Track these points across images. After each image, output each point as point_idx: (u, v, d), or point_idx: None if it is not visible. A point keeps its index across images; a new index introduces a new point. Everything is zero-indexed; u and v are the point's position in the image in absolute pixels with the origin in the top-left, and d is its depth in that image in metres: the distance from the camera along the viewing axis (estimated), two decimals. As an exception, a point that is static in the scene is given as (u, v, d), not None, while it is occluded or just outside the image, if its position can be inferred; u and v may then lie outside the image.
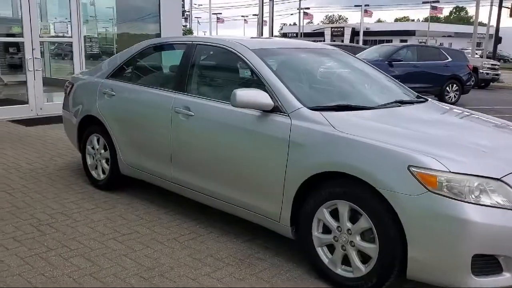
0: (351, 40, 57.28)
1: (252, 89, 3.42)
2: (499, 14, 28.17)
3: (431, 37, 56.48)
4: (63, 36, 10.21)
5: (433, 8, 55.43)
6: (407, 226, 2.70)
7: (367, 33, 56.55)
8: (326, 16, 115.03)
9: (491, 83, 21.59)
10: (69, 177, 5.37)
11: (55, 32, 9.94)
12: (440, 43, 49.58)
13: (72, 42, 9.64)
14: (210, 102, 3.81)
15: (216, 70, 4.27)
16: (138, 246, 3.67)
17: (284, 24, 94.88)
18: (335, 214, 3.05)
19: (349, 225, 2.97)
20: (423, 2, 57.82)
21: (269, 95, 3.38)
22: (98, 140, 4.92)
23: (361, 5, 55.93)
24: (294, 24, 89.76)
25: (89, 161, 5.07)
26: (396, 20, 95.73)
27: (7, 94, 11.91)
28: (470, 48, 33.98)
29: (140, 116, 4.37)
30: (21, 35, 10.44)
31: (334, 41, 52.48)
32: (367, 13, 57.32)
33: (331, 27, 71.14)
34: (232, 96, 3.34)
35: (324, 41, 50.01)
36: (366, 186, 2.84)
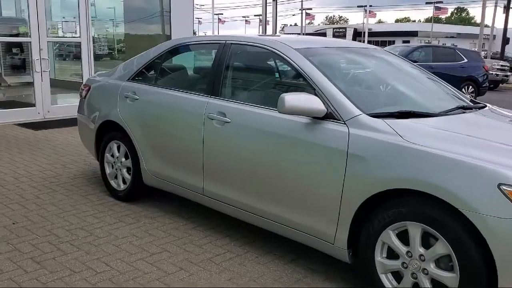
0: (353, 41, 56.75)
1: (301, 93, 3.04)
2: (507, 15, 27.82)
3: (433, 38, 56.17)
4: (71, 36, 9.82)
5: (437, 8, 55.06)
6: (497, 254, 2.32)
7: (369, 33, 56.19)
8: (327, 17, 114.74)
9: (500, 84, 21.23)
10: (85, 186, 5.00)
11: (63, 32, 9.56)
12: (443, 44, 49.25)
13: (80, 42, 9.26)
14: (249, 108, 3.43)
15: (254, 72, 3.89)
16: (170, 268, 3.29)
17: (285, 25, 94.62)
18: (403, 237, 2.67)
19: (421, 250, 2.59)
20: (427, 3, 57.43)
21: (321, 100, 3.01)
22: (118, 148, 4.54)
23: (363, 6, 55.62)
24: (295, 24, 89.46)
25: (107, 170, 4.69)
26: (397, 21, 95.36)
27: (11, 96, 11.55)
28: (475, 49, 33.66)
29: (168, 122, 3.99)
30: (25, 35, 10.09)
31: (337, 42, 51.85)
32: (369, 13, 56.99)
33: (333, 28, 70.72)
34: (279, 101, 2.97)
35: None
36: (444, 206, 2.46)
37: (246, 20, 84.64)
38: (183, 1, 10.97)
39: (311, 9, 66.67)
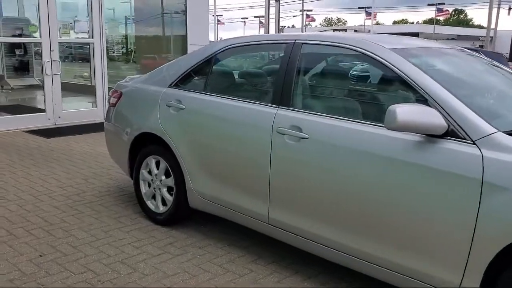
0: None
1: (414, 104, 2.44)
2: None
3: (434, 39, 55.75)
4: (84, 37, 9.20)
5: (439, 10, 54.70)
6: None
7: (371, 35, 55.66)
8: (325, 18, 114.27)
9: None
10: (115, 206, 4.38)
11: (75, 32, 8.93)
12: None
13: (93, 43, 8.65)
14: (333, 121, 2.82)
15: (335, 77, 3.28)
16: (242, 318, 2.68)
17: (283, 26, 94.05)
18: None
19: None
20: (428, 4, 57.07)
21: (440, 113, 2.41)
22: (157, 164, 3.93)
23: (364, 7, 55.21)
24: (293, 26, 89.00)
25: (143, 189, 4.08)
26: (395, 22, 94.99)
27: (14, 99, 10.98)
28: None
29: (223, 136, 3.39)
30: (29, 35, 9.52)
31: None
32: (370, 15, 56.52)
33: (333, 29, 70.28)
34: (388, 114, 2.37)
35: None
36: None
37: (244, 22, 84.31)
38: (198, 1, 10.36)
39: (311, 10, 66.22)
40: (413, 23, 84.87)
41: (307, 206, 2.91)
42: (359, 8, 62.85)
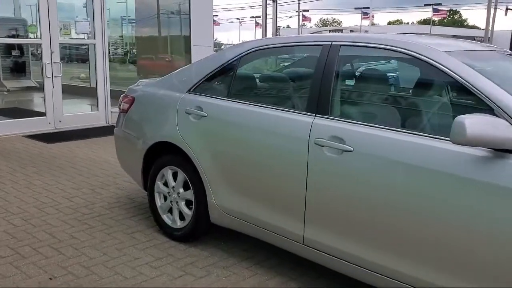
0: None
1: (483, 115, 2.16)
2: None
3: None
4: (84, 38, 8.87)
5: (435, 10, 54.67)
6: None
7: (368, 36, 55.47)
8: (320, 19, 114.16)
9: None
10: (127, 219, 4.08)
11: (76, 33, 8.61)
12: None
13: (95, 44, 8.34)
14: (384, 132, 2.53)
15: (381, 82, 2.97)
16: None
17: (279, 27, 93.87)
18: None
19: None
20: (425, 5, 57.03)
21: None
22: (174, 175, 3.63)
23: (361, 7, 55.13)
24: (288, 27, 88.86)
25: (158, 201, 3.78)
26: (389, 23, 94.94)
27: (10, 101, 10.65)
28: None
29: (251, 147, 3.09)
30: (25, 36, 9.22)
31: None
32: (366, 15, 56.38)
33: (329, 30, 70.00)
34: (456, 127, 2.08)
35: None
36: None
37: (240, 22, 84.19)
38: (202, 2, 10.06)
39: (307, 11, 66.00)
40: (408, 23, 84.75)
41: (350, 226, 2.62)
42: (355, 8, 62.72)
